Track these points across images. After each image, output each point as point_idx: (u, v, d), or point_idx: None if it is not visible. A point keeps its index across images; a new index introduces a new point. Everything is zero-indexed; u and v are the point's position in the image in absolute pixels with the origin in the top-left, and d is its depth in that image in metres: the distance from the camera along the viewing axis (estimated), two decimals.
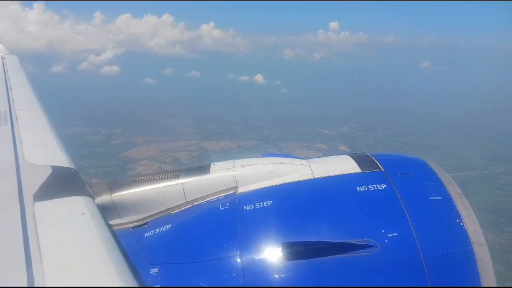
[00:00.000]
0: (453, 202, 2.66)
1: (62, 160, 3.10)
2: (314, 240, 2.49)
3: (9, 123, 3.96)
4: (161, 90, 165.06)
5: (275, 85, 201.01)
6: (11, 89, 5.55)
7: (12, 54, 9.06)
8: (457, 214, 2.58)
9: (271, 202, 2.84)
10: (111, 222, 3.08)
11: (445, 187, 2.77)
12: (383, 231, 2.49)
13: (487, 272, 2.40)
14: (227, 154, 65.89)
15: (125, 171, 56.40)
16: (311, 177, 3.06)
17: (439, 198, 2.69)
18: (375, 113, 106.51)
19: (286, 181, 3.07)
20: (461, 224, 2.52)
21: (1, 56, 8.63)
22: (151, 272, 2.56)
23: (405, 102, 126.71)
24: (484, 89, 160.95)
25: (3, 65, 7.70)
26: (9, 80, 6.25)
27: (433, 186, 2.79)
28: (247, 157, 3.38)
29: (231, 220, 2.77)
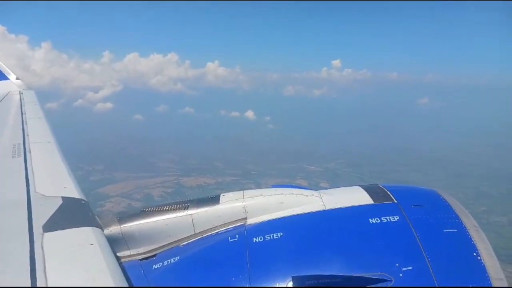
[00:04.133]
0: (469, 234, 2.52)
1: (72, 191, 3.05)
2: (326, 273, 2.36)
3: (22, 155, 4.00)
4: (151, 126, 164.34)
5: (265, 121, 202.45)
6: (26, 123, 5.68)
7: (29, 90, 9.34)
8: (473, 248, 2.43)
9: (282, 234, 2.73)
10: (120, 253, 3.01)
11: (460, 219, 2.64)
12: (397, 264, 2.37)
13: None
14: (203, 191, 65.18)
15: (93, 208, 55.31)
16: (323, 209, 2.96)
17: (454, 230, 2.56)
18: (364, 150, 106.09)
19: (297, 213, 2.96)
20: (478, 258, 2.38)
21: (19, 91, 8.94)
22: None
23: (396, 139, 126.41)
24: (478, 125, 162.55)
25: (20, 100, 7.92)
26: (25, 114, 6.40)
27: (448, 218, 2.67)
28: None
29: (240, 252, 2.66)
